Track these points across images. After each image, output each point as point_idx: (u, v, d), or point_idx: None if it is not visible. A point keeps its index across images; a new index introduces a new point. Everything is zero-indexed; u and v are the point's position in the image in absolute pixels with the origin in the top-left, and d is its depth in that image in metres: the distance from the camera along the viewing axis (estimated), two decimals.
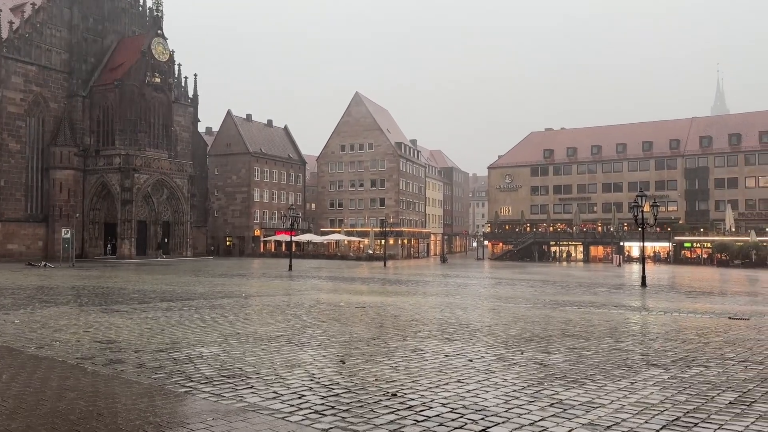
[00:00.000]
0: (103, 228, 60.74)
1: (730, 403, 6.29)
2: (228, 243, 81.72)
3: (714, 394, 6.64)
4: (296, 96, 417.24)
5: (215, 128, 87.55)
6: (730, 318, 14.51)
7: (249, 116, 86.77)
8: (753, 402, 6.32)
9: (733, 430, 5.36)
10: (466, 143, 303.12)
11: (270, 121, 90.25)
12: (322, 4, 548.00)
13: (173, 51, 65.36)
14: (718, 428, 5.39)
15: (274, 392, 6.50)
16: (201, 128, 78.95)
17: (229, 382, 6.93)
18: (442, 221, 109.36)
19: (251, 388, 6.69)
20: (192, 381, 7.00)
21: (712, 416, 5.77)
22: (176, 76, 68.79)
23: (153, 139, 62.44)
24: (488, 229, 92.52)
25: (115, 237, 58.43)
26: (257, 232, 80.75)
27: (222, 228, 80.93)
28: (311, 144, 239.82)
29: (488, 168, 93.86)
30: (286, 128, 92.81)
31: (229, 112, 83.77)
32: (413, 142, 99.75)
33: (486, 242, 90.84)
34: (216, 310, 14.76)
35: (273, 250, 79.47)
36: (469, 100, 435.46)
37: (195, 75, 72.45)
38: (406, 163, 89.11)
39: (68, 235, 45.71)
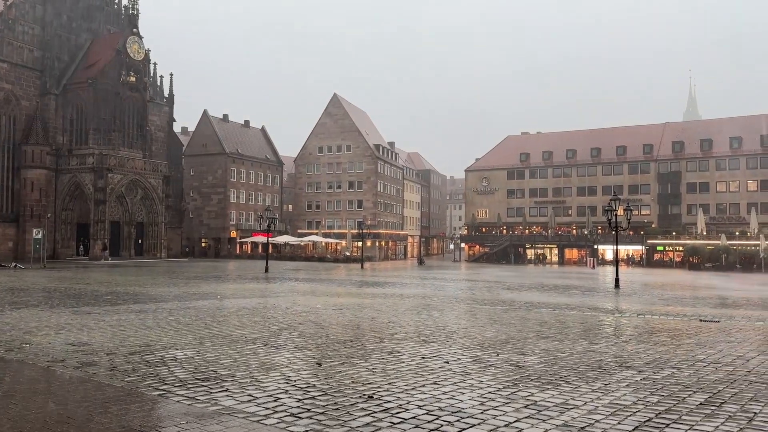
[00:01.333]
0: (76, 228, 59.73)
1: (700, 404, 6.40)
2: (203, 244, 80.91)
3: (685, 395, 6.75)
4: (274, 97, 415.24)
5: (191, 128, 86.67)
6: (701, 320, 14.77)
7: (226, 116, 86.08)
8: (723, 403, 6.45)
9: (704, 430, 5.45)
10: (443, 146, 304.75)
11: (247, 122, 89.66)
12: (301, 5, 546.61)
13: (149, 50, 64.64)
14: (689, 429, 5.49)
15: (250, 395, 6.44)
16: (177, 128, 78.11)
17: (204, 385, 6.85)
18: (420, 223, 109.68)
19: (226, 391, 6.62)
20: (165, 384, 6.91)
21: (683, 417, 5.86)
22: (152, 75, 67.99)
23: (127, 138, 61.61)
24: (465, 232, 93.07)
25: (88, 238, 57.51)
26: (233, 234, 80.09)
27: (197, 229, 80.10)
28: (289, 145, 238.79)
29: (465, 171, 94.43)
30: (263, 129, 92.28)
31: (205, 112, 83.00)
32: (391, 144, 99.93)
33: (463, 244, 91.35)
34: (190, 312, 14.60)
35: (249, 252, 78.92)
36: (447, 103, 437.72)
37: (171, 74, 71.75)
38: (384, 165, 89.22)
39: (39, 236, 44.86)
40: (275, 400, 6.24)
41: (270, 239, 50.54)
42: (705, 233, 69.89)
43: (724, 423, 5.67)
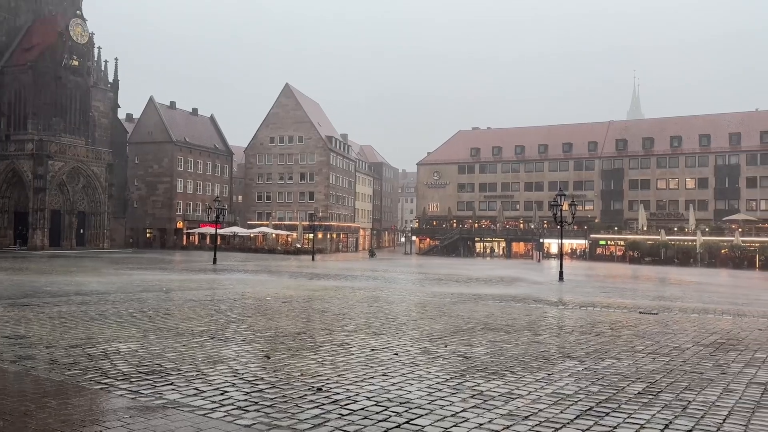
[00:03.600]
0: (14, 217, 57.28)
1: (639, 393, 6.65)
2: (148, 235, 78.90)
3: (624, 385, 7.00)
4: (223, 85, 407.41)
5: (136, 115, 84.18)
6: (640, 312, 15.34)
7: (173, 104, 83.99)
8: (659, 392, 6.72)
9: (642, 418, 5.67)
10: (396, 139, 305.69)
11: (195, 110, 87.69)
12: None
13: (93, 33, 62.37)
14: (628, 417, 5.70)
15: (196, 389, 6.34)
16: (121, 115, 75.83)
17: (148, 379, 6.70)
18: (371, 216, 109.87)
19: (171, 384, 6.50)
20: (108, 378, 6.73)
21: (622, 406, 6.09)
22: (95, 59, 65.64)
23: (69, 124, 59.39)
24: (416, 225, 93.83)
25: (27, 227, 55.22)
26: (180, 224, 78.38)
27: (142, 219, 78.01)
28: (239, 135, 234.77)
29: (417, 164, 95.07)
30: (212, 117, 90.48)
31: (151, 99, 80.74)
32: (344, 136, 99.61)
33: (414, 237, 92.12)
34: (134, 304, 14.23)
35: (197, 244, 77.43)
36: (399, 97, 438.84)
37: (116, 59, 69.46)
38: (336, 158, 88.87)
39: None
40: (222, 394, 6.16)
41: (218, 230, 49.71)
42: (645, 228, 72.54)
43: (660, 411, 5.92)
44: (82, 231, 60.38)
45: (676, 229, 72.17)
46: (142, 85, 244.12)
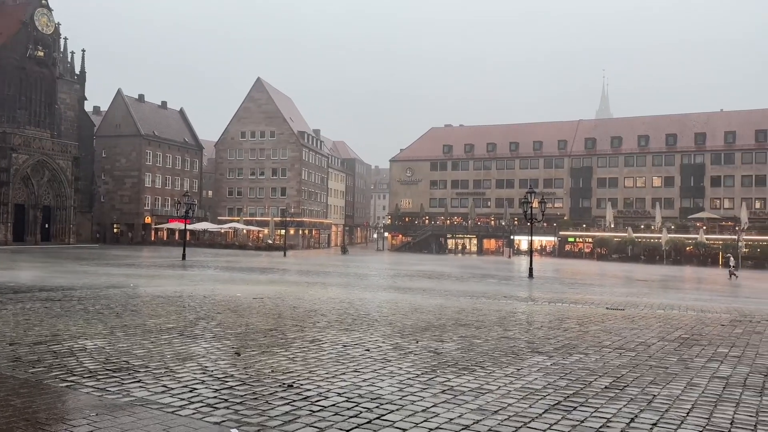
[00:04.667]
0: None
1: (605, 387, 6.77)
2: (116, 230, 77.49)
3: (592, 380, 7.13)
4: (194, 78, 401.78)
5: (104, 108, 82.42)
6: (607, 308, 15.62)
7: (141, 96, 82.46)
8: (626, 386, 6.85)
9: (608, 412, 5.78)
10: (369, 136, 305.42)
11: (164, 103, 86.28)
12: None
13: (59, 23, 60.94)
14: (595, 411, 5.80)
15: (164, 386, 6.26)
16: (88, 107, 74.26)
17: (115, 376, 6.59)
18: (344, 212, 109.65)
19: (139, 382, 6.40)
20: (74, 375, 6.60)
21: (589, 400, 6.19)
22: (62, 50, 64.15)
23: (34, 116, 57.98)
24: (389, 221, 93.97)
25: None
26: (148, 220, 77.15)
27: (109, 214, 76.56)
28: (209, 129, 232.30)
29: (390, 161, 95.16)
30: (181, 111, 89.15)
31: (119, 92, 79.17)
32: (316, 131, 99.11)
33: (386, 234, 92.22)
34: (101, 300, 13.98)
35: (165, 239, 76.26)
36: (373, 94, 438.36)
37: (83, 50, 68.00)
38: (308, 153, 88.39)
39: None
40: (191, 391, 6.09)
41: (188, 226, 49.08)
42: (613, 226, 73.83)
43: (626, 405, 6.04)
44: (47, 226, 59.06)
45: (642, 226, 73.59)
46: (109, 78, 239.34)
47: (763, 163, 72.88)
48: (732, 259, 42.76)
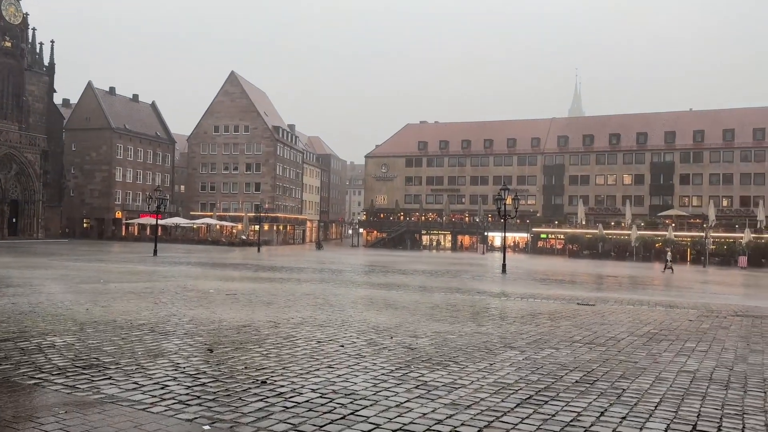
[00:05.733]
0: None
1: (576, 381, 6.88)
2: (86, 225, 76.12)
3: (563, 374, 7.23)
4: (166, 71, 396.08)
5: (74, 100, 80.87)
6: (578, 304, 15.84)
7: (112, 89, 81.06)
8: (596, 381, 6.97)
9: (579, 406, 5.87)
10: (344, 132, 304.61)
11: (136, 96, 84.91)
12: None
13: (27, 14, 59.52)
14: (566, 405, 5.89)
15: (135, 383, 6.18)
16: (57, 99, 72.74)
17: (85, 373, 6.49)
18: (319, 208, 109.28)
19: (109, 379, 6.31)
20: (42, 372, 6.48)
21: (560, 394, 6.28)
22: (30, 41, 62.65)
23: (1, 108, 56.60)
24: (364, 217, 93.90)
25: None
26: (119, 214, 75.95)
27: (79, 209, 75.16)
28: (182, 123, 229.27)
29: (365, 157, 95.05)
30: (153, 104, 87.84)
31: (89, 84, 77.70)
32: (291, 127, 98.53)
33: (361, 230, 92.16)
34: (71, 296, 13.73)
35: (136, 234, 75.21)
36: (348, 90, 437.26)
37: (52, 41, 66.44)
38: (283, 148, 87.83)
39: None
40: (163, 388, 6.03)
41: (159, 221, 48.43)
42: (584, 223, 74.86)
43: (596, 399, 6.14)
44: (14, 220, 57.73)
45: (613, 223, 74.74)
46: (80, 70, 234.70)
47: (730, 161, 74.55)
48: (669, 253, 43.87)
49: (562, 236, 76.85)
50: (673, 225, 68.34)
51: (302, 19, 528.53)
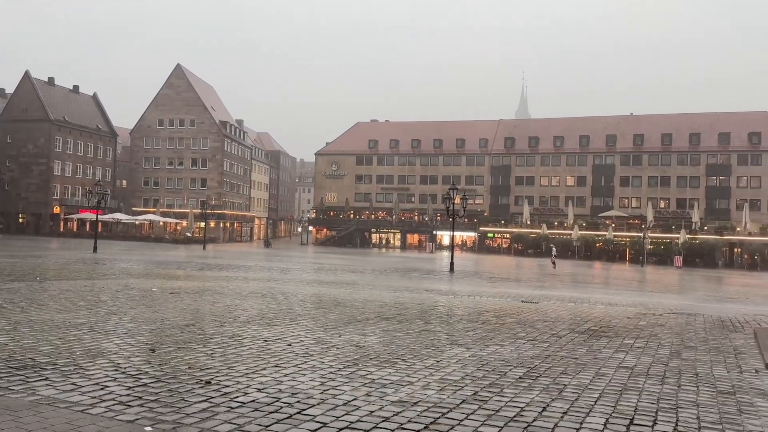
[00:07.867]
0: None
1: (519, 377, 7.03)
2: (21, 220, 72.94)
3: (507, 370, 7.38)
4: (109, 62, 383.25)
5: (9, 90, 77.31)
6: (522, 302, 16.19)
7: (51, 80, 77.89)
8: (539, 376, 7.14)
9: (522, 401, 6.00)
10: (294, 128, 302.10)
11: (77, 87, 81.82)
12: None
13: None
14: (510, 400, 6.01)
15: (73, 384, 5.96)
16: None
17: (19, 374, 6.22)
18: (268, 205, 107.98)
19: (46, 380, 6.07)
20: None
21: (504, 390, 6.41)
22: None
23: None
24: (313, 215, 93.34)
25: None
26: (57, 210, 73.11)
27: (14, 203, 71.94)
28: (125, 116, 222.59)
29: (315, 154, 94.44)
30: (95, 96, 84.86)
31: (27, 74, 74.42)
32: (239, 122, 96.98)
33: (311, 228, 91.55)
34: (4, 294, 13.13)
35: (75, 230, 72.52)
36: (299, 87, 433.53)
37: None
38: (231, 144, 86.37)
39: None
40: (102, 389, 5.84)
41: (100, 217, 46.89)
42: (529, 222, 76.58)
43: (539, 394, 6.29)
44: None
45: (556, 223, 76.67)
46: (16, 59, 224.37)
47: (668, 165, 77.55)
48: (554, 248, 45.43)
49: (508, 235, 78.33)
50: (613, 225, 70.65)
51: (251, 14, 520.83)
